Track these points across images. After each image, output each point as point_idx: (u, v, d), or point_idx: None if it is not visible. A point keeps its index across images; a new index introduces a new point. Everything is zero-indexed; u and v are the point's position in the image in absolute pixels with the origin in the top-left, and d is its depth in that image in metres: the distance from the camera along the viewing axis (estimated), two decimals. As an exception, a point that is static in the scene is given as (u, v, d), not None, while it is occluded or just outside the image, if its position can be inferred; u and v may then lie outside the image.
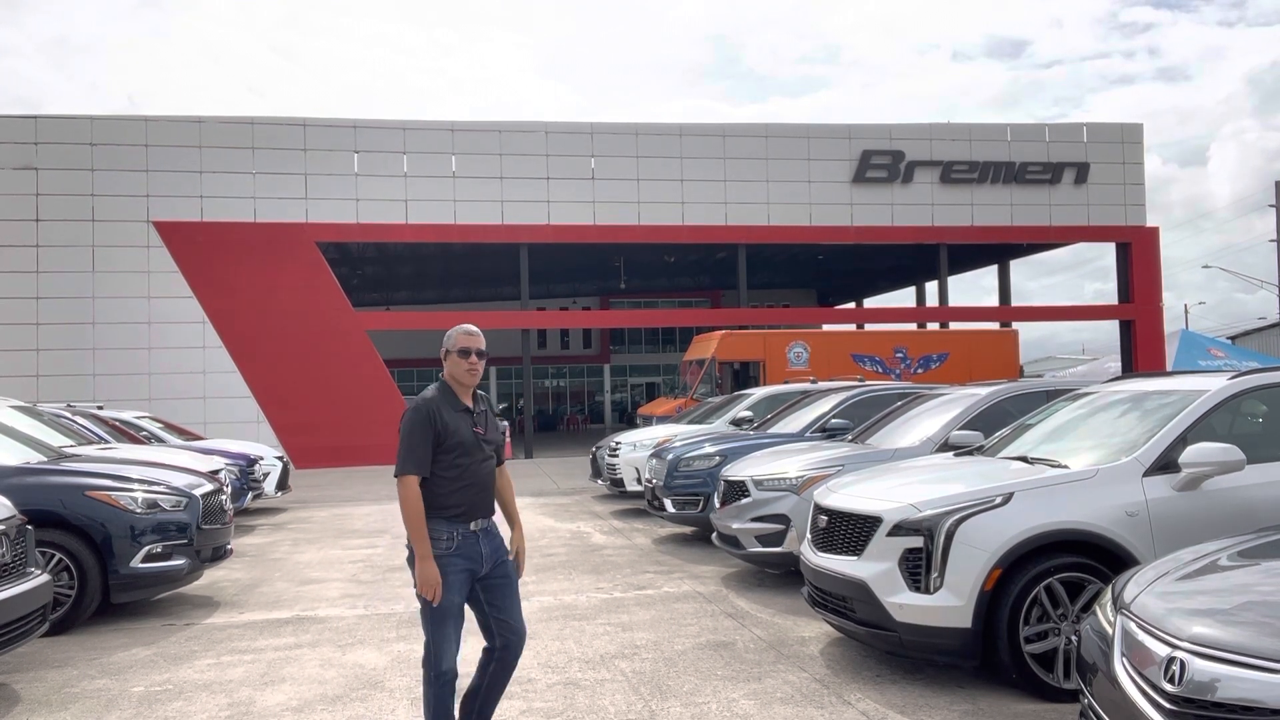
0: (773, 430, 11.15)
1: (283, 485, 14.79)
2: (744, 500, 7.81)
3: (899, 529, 4.97)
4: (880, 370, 25.66)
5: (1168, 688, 2.51)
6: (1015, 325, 30.36)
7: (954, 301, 32.60)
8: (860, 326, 33.50)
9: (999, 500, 4.86)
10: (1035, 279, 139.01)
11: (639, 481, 12.86)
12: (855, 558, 5.18)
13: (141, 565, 6.91)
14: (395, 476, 3.77)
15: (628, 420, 42.12)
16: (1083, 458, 5.31)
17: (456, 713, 3.90)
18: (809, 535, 5.87)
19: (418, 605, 3.74)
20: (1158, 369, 26.08)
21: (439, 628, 3.74)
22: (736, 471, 8.22)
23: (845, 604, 5.20)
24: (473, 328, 3.96)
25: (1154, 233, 31.17)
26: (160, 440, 14.01)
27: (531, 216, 27.42)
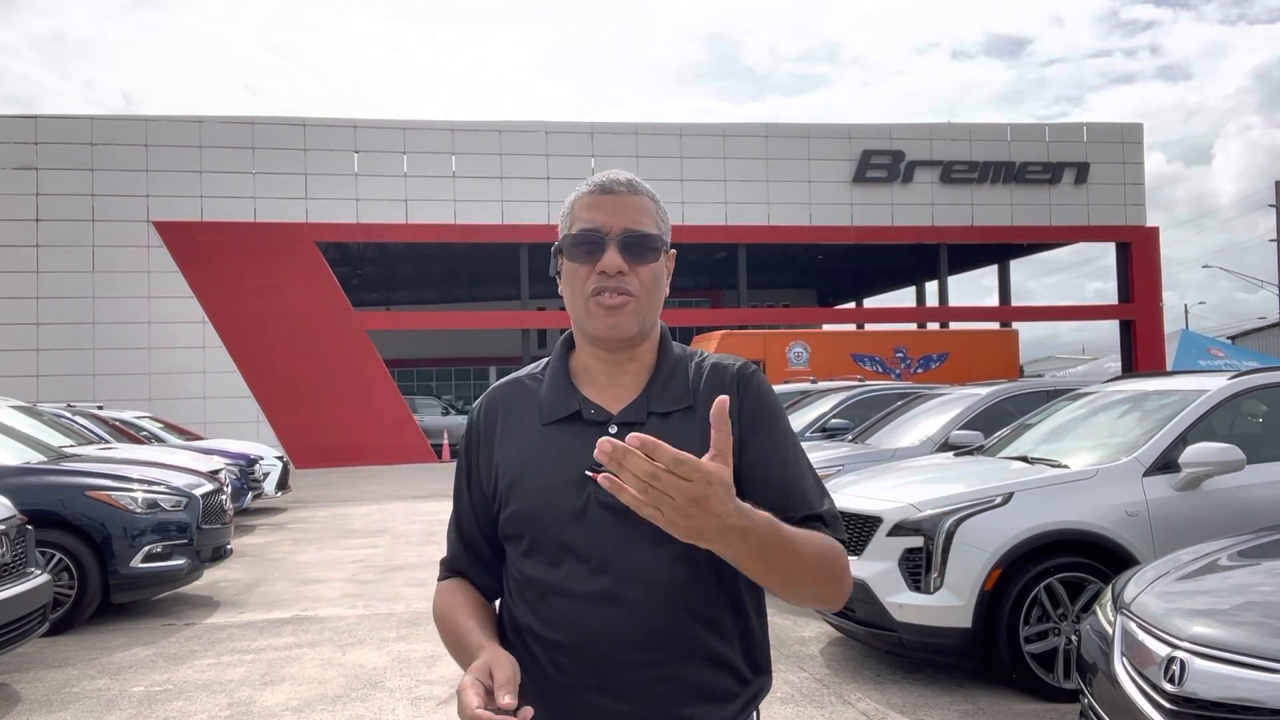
0: (773, 430, 11.12)
1: (283, 485, 14.79)
2: (744, 500, 7.80)
3: (899, 529, 4.97)
4: (880, 370, 25.65)
5: (1168, 687, 2.51)
6: (1015, 325, 30.36)
7: (954, 301, 32.60)
8: (860, 326, 33.50)
9: (999, 500, 4.86)
10: (1036, 278, 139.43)
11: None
12: (855, 557, 5.18)
13: (141, 565, 6.91)
14: None
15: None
16: (1083, 458, 5.31)
17: None
18: (809, 535, 5.87)
19: (418, 605, 1.53)
20: (1158, 369, 26.08)
21: None
22: (736, 471, 8.20)
23: (845, 604, 5.19)
24: (617, 176, 1.54)
25: (1154, 233, 31.17)
26: (160, 440, 14.01)
27: (531, 216, 27.42)
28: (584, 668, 1.39)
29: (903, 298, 43.30)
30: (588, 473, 1.40)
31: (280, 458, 15.07)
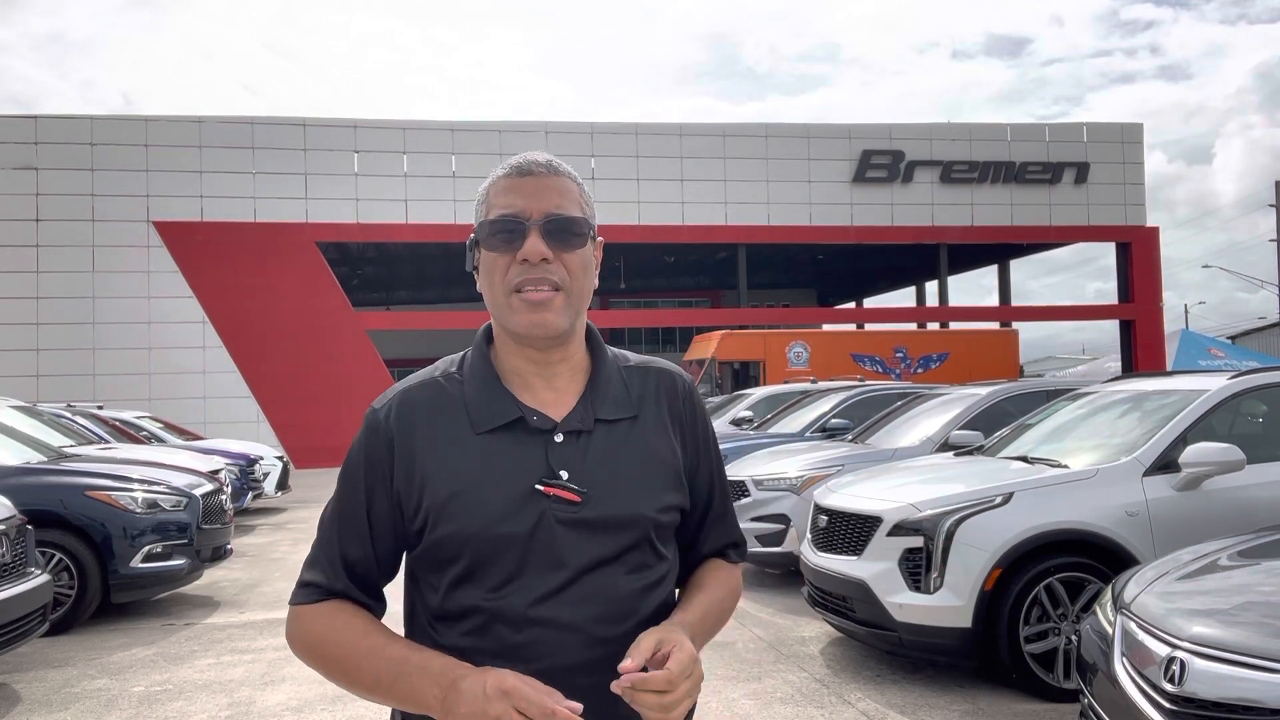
0: (773, 430, 11.15)
1: (283, 485, 14.79)
2: (744, 500, 7.81)
3: (899, 529, 4.97)
4: (880, 370, 25.67)
5: (1168, 687, 2.51)
6: (1015, 325, 30.37)
7: (954, 301, 32.61)
8: (860, 326, 33.51)
9: (999, 500, 4.86)
10: (1036, 278, 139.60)
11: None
12: (855, 558, 5.18)
13: (141, 565, 6.91)
14: None
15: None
16: (1083, 457, 5.31)
17: None
18: (809, 535, 5.87)
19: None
20: (1158, 369, 26.07)
21: None
22: (736, 471, 8.22)
23: (845, 604, 5.20)
24: (534, 157, 1.43)
25: (1154, 233, 31.19)
26: (160, 440, 14.01)
27: (531, 216, 27.45)
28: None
29: (903, 298, 43.35)
30: (539, 486, 1.30)
31: (280, 458, 15.07)
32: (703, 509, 1.49)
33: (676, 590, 1.47)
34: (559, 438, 1.34)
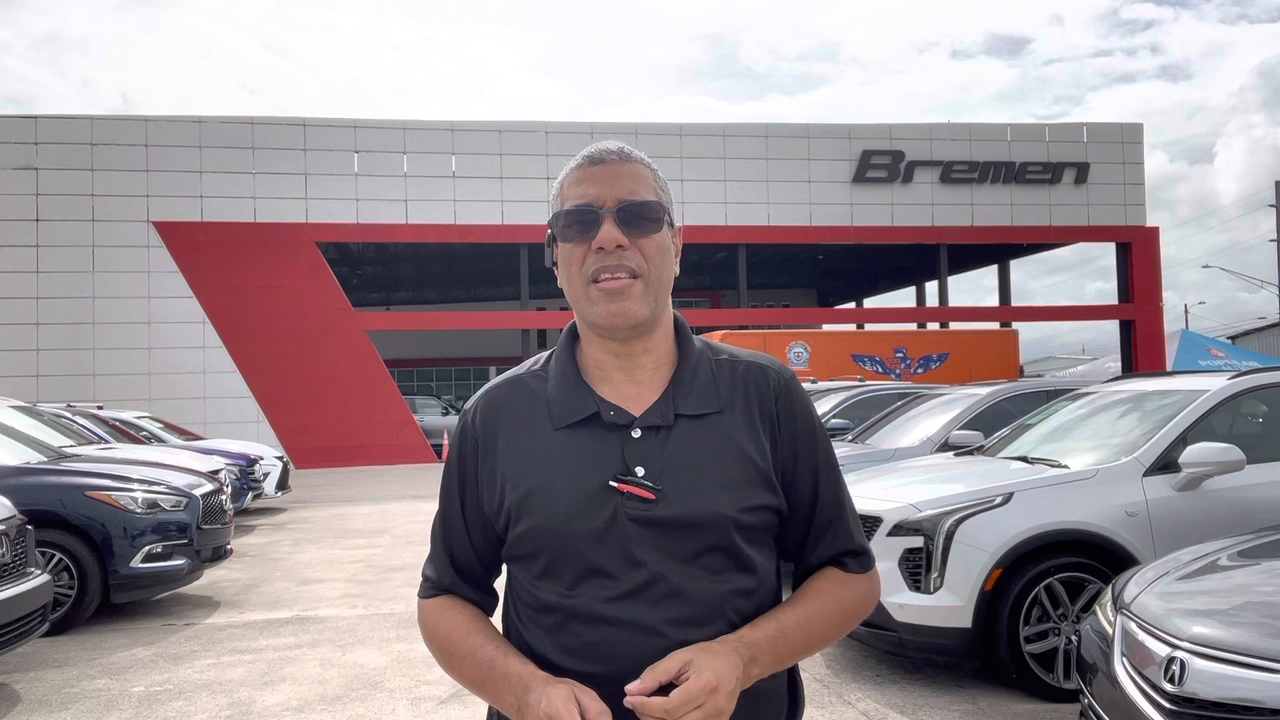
0: (773, 430, 11.14)
1: (283, 485, 14.78)
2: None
3: (899, 529, 4.97)
4: (880, 370, 25.65)
5: (1168, 687, 2.51)
6: (1015, 325, 30.36)
7: (954, 301, 32.60)
8: (860, 326, 33.50)
9: (999, 500, 4.86)
10: (1037, 278, 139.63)
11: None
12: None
13: (141, 565, 6.91)
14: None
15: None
16: (1083, 458, 5.31)
17: None
18: (809, 535, 5.87)
19: (418, 605, 1.50)
20: (1158, 369, 26.06)
21: None
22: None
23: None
24: (606, 145, 1.45)
25: (1154, 232, 31.18)
26: (160, 440, 14.01)
27: (531, 216, 27.43)
28: (614, 701, 1.20)
29: (903, 298, 43.31)
30: (612, 483, 1.27)
31: (280, 458, 15.07)
32: (806, 513, 1.39)
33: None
34: (636, 433, 1.31)
